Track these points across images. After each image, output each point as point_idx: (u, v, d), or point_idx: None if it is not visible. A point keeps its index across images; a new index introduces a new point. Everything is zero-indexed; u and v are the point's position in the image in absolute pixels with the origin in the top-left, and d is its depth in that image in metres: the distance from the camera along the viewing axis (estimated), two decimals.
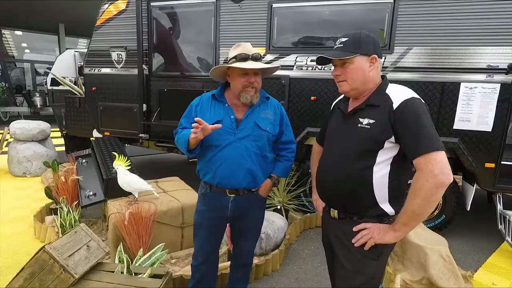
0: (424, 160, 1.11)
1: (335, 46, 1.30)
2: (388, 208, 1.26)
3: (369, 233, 1.25)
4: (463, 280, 2.37)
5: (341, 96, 1.46)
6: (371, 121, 1.22)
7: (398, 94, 1.21)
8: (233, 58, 1.62)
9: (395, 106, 1.18)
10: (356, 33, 1.28)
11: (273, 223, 2.76)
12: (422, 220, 1.21)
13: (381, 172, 1.23)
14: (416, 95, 1.20)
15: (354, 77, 1.26)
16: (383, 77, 1.32)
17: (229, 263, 2.13)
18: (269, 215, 2.90)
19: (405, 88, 1.24)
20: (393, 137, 1.19)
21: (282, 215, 3.16)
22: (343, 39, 1.28)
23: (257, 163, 1.68)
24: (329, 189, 1.37)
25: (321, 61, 1.34)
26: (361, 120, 1.26)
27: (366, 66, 1.26)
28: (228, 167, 1.63)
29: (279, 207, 3.30)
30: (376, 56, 1.26)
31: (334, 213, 1.37)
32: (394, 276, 2.35)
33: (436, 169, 1.08)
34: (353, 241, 1.29)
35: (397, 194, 1.26)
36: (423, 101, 1.21)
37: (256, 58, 1.62)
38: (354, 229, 1.29)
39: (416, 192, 1.13)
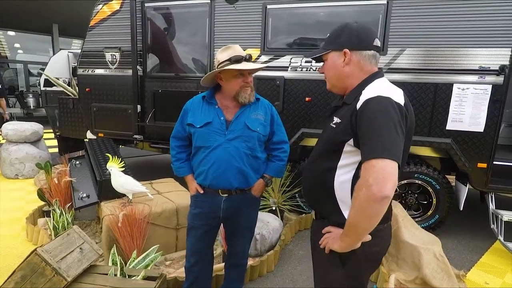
0: (364, 167, 0.96)
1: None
2: None
3: (329, 237, 1.18)
4: (457, 280, 2.39)
5: None
6: (338, 120, 1.14)
7: (369, 92, 1.06)
8: (226, 61, 1.63)
9: (358, 105, 1.05)
10: (336, 28, 1.19)
11: (268, 224, 2.76)
12: (362, 234, 1.04)
13: (344, 177, 1.13)
14: (386, 94, 1.03)
15: (328, 74, 1.23)
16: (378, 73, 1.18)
17: (224, 264, 2.13)
18: (264, 216, 2.90)
19: (382, 86, 1.08)
20: (352, 139, 1.07)
21: (277, 216, 3.17)
22: (327, 36, 1.23)
23: (248, 163, 1.69)
24: (304, 189, 1.35)
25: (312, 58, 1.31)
26: (334, 119, 1.18)
27: (339, 62, 1.16)
28: (219, 168, 1.65)
29: (274, 207, 3.30)
30: (347, 50, 1.14)
31: (313, 213, 1.35)
32: (388, 276, 2.37)
33: (371, 178, 0.92)
34: (319, 242, 1.23)
35: None
36: (396, 100, 1.02)
37: (249, 59, 1.66)
38: (323, 231, 1.23)
39: (353, 201, 1.02)
